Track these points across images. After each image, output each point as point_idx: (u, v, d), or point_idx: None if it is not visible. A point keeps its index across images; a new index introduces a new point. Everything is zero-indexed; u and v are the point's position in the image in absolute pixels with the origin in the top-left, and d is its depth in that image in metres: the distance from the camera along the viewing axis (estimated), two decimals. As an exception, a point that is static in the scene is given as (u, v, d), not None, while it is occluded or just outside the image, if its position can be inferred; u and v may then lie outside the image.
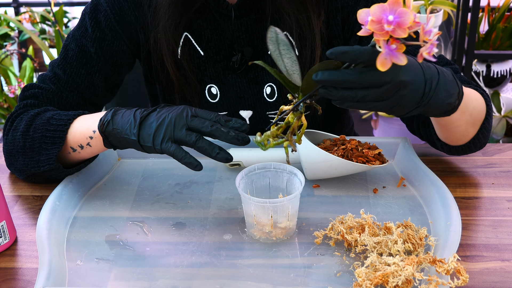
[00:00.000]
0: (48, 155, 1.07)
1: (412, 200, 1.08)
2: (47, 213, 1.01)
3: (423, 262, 0.85)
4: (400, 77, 0.85)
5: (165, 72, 1.23)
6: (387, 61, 0.79)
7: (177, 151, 0.96)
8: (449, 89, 0.94)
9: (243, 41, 1.21)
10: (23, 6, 3.24)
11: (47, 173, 1.10)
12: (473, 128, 1.10)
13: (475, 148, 1.15)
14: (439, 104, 0.93)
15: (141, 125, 0.99)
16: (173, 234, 1.01)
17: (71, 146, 1.08)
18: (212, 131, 0.96)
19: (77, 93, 1.20)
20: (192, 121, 0.97)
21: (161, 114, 0.99)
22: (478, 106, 1.09)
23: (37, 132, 1.08)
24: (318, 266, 0.93)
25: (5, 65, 2.89)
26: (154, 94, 1.32)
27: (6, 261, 0.97)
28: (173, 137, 0.97)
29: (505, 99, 2.66)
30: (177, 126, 0.97)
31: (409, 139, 1.19)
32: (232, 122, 0.97)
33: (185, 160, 0.96)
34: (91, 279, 0.92)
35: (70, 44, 1.21)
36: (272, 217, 0.96)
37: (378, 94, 0.85)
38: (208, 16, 1.20)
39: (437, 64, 1.16)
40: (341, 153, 1.09)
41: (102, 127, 1.03)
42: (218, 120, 0.98)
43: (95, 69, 1.21)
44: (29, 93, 1.18)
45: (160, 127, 0.97)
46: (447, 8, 2.75)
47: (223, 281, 0.90)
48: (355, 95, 0.85)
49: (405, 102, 0.89)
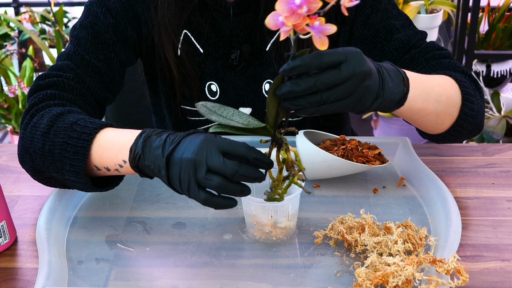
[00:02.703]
0: (73, 165, 0.97)
1: (412, 200, 1.08)
2: (47, 213, 1.01)
3: (423, 262, 0.85)
4: (363, 67, 0.84)
5: (169, 71, 1.23)
6: (322, 38, 0.78)
7: (207, 201, 0.87)
8: (393, 78, 0.93)
9: (241, 39, 1.21)
10: (23, 6, 3.24)
11: (70, 183, 1.00)
12: (448, 115, 1.08)
13: (461, 134, 1.12)
14: (390, 94, 0.92)
15: (167, 165, 0.88)
16: (173, 234, 1.01)
17: (95, 164, 0.97)
18: (234, 178, 0.86)
19: (97, 78, 1.14)
20: (212, 163, 0.85)
21: (182, 153, 0.87)
22: (446, 91, 1.06)
23: (58, 136, 0.98)
24: (318, 266, 0.93)
25: (5, 65, 2.89)
26: (156, 90, 1.31)
27: (6, 261, 0.97)
28: (197, 181, 0.86)
29: (505, 99, 2.66)
30: (198, 169, 0.85)
31: (409, 139, 1.19)
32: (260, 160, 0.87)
33: (219, 207, 0.88)
34: (91, 279, 0.92)
35: (80, 33, 1.16)
36: (272, 217, 0.96)
37: (343, 90, 0.84)
38: (206, 14, 1.20)
39: (429, 50, 1.17)
40: (341, 153, 1.09)
41: (134, 161, 0.92)
42: (250, 154, 0.86)
43: (112, 55, 1.17)
44: (46, 82, 1.09)
45: (182, 170, 0.87)
46: (447, 8, 2.75)
47: (223, 281, 0.90)
48: (320, 98, 0.84)
49: (369, 93, 0.87)
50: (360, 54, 0.85)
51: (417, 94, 1.00)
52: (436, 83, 1.06)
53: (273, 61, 1.22)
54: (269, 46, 1.21)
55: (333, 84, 0.83)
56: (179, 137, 0.89)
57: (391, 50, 1.18)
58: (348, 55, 0.84)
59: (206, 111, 0.90)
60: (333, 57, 0.83)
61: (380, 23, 1.18)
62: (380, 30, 1.18)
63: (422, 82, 1.02)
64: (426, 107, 1.03)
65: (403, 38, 1.17)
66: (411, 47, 1.17)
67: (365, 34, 1.19)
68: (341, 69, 0.83)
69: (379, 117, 2.81)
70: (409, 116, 1.06)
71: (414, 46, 1.17)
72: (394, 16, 1.19)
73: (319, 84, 0.83)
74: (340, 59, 0.84)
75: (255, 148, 0.87)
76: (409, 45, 1.17)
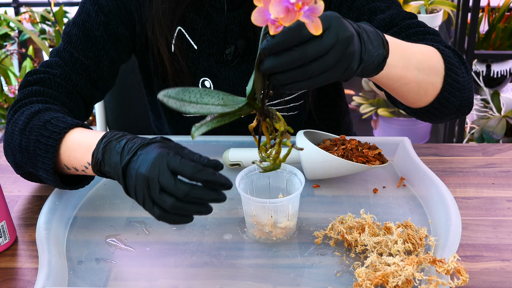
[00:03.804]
0: (44, 163, 1.00)
1: (412, 200, 1.08)
2: (47, 213, 1.01)
3: (423, 262, 0.85)
4: (345, 33, 0.79)
5: (162, 66, 1.23)
6: (315, 22, 0.73)
7: (162, 218, 0.86)
8: (373, 40, 0.88)
9: (236, 34, 1.21)
10: (23, 6, 3.24)
11: (44, 179, 1.04)
12: (431, 85, 1.05)
13: (447, 109, 1.09)
14: (370, 57, 0.87)
15: (124, 175, 0.88)
16: (173, 234, 1.01)
17: (65, 164, 1.00)
18: (186, 200, 0.84)
19: (85, 75, 1.16)
20: (164, 183, 0.83)
21: (137, 166, 0.86)
22: (428, 59, 1.04)
23: (32, 133, 1.02)
24: (318, 266, 0.93)
25: (5, 65, 2.89)
26: (151, 88, 1.32)
27: (6, 261, 0.97)
28: (151, 199, 0.85)
29: (505, 99, 2.66)
30: (151, 187, 0.84)
31: (409, 139, 1.19)
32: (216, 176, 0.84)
33: (174, 223, 0.88)
34: (91, 279, 0.92)
35: (71, 30, 1.18)
36: (272, 217, 0.96)
37: (329, 60, 0.79)
38: (201, 10, 1.20)
39: (410, 27, 1.14)
40: (341, 153, 1.09)
41: (96, 166, 0.94)
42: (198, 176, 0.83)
43: (101, 53, 1.18)
44: (34, 78, 1.12)
45: (137, 184, 0.86)
46: (447, 8, 2.75)
47: (223, 281, 0.90)
48: (306, 71, 0.79)
49: (354, 59, 0.82)
50: (339, 19, 0.80)
51: (397, 60, 0.96)
52: (417, 50, 1.03)
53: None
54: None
55: (317, 55, 0.78)
56: (136, 146, 0.89)
57: None
58: (330, 21, 0.79)
59: (175, 103, 0.82)
60: None
61: (365, 6, 1.17)
62: (365, 12, 1.17)
63: (402, 47, 0.98)
64: (406, 74, 1.00)
65: (386, 17, 1.15)
66: (393, 25, 1.15)
67: (350, 17, 1.18)
68: (324, 38, 0.78)
69: (379, 117, 2.81)
70: (388, 84, 1.02)
71: (396, 25, 1.15)
72: None
73: (303, 57, 0.78)
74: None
75: (209, 169, 0.84)
76: (392, 24, 1.15)
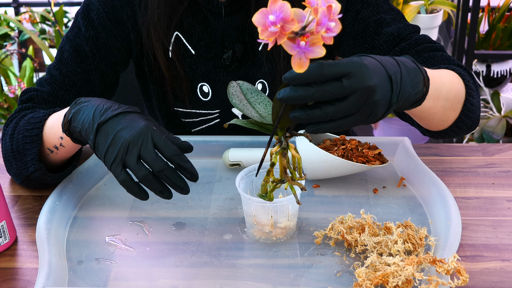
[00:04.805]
0: (31, 155, 1.05)
1: (412, 200, 1.08)
2: (47, 213, 1.01)
3: (423, 262, 0.85)
4: (365, 83, 0.79)
5: (158, 71, 1.23)
6: (303, 59, 0.73)
7: (125, 182, 0.91)
8: (413, 78, 0.87)
9: (234, 38, 1.21)
10: (23, 6, 3.24)
11: (37, 177, 1.07)
12: (453, 112, 1.06)
13: (461, 130, 1.10)
14: (407, 97, 0.87)
15: (98, 131, 0.92)
16: (173, 234, 1.01)
17: (47, 147, 1.06)
18: (159, 175, 0.90)
19: (73, 91, 1.20)
20: (145, 153, 0.89)
21: (119, 128, 0.91)
22: (454, 88, 1.04)
23: (20, 133, 1.07)
24: (318, 266, 0.93)
25: (5, 65, 2.89)
26: (148, 94, 1.32)
27: (6, 261, 0.97)
28: (124, 161, 0.90)
29: (505, 99, 2.66)
30: (130, 152, 0.89)
31: (409, 139, 1.19)
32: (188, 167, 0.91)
33: (132, 193, 0.93)
34: (91, 279, 0.92)
35: (64, 45, 1.22)
36: (272, 217, 0.96)
37: (349, 105, 0.79)
38: (198, 15, 1.20)
39: (419, 43, 1.16)
40: (341, 153, 1.09)
41: (65, 125, 0.98)
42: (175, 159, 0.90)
43: (91, 67, 1.20)
44: (26, 96, 1.18)
45: (113, 144, 0.90)
46: (447, 8, 2.75)
47: (223, 281, 0.90)
48: (324, 113, 0.79)
49: (378, 107, 0.82)
50: (364, 68, 0.79)
51: (431, 93, 0.96)
52: (446, 80, 1.03)
53: (264, 61, 1.22)
54: (261, 46, 1.21)
55: (333, 97, 0.78)
56: (116, 107, 0.94)
57: (381, 43, 1.17)
58: (352, 68, 0.78)
59: (235, 92, 0.86)
60: (335, 69, 0.78)
61: (371, 17, 1.18)
62: (371, 24, 1.18)
63: (436, 80, 0.98)
64: (436, 104, 1.01)
65: (393, 31, 1.16)
66: (401, 39, 1.16)
67: (356, 29, 1.19)
68: (343, 83, 0.78)
69: (379, 117, 2.80)
70: (418, 114, 1.04)
71: (405, 39, 1.16)
72: (385, 10, 1.19)
73: (318, 95, 0.78)
74: (342, 71, 0.78)
75: (185, 157, 0.91)
76: (400, 38, 1.16)
